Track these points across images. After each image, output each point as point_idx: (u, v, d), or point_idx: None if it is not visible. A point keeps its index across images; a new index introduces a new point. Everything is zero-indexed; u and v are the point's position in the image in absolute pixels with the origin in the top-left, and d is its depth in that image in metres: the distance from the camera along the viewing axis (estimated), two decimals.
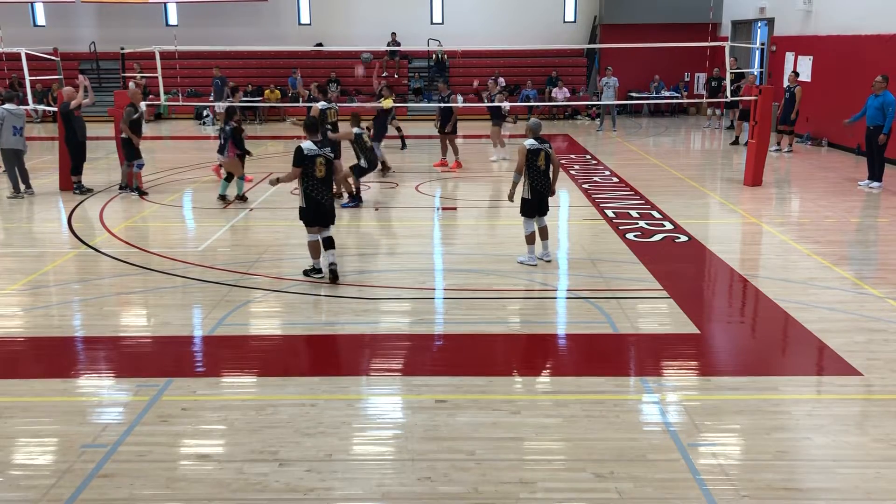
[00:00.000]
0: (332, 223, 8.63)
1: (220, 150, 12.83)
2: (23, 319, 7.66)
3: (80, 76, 14.03)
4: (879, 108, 13.37)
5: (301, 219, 8.50)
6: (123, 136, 13.25)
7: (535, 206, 9.06)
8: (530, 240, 9.18)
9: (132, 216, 12.12)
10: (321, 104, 13.75)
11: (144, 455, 5.07)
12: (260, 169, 15.93)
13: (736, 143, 19.00)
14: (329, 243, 8.59)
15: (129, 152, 13.30)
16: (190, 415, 5.62)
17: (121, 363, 6.66)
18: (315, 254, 8.59)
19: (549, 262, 9.24)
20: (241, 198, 12.92)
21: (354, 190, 12.55)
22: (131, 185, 13.49)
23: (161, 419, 5.54)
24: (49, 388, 6.10)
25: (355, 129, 12.26)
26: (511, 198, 9.15)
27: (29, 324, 7.56)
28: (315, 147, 8.23)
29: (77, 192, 13.57)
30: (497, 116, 16.93)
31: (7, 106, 13.14)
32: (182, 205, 13.02)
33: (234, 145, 12.73)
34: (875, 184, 13.62)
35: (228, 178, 12.80)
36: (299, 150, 8.21)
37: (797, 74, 17.91)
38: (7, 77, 24.30)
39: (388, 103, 15.20)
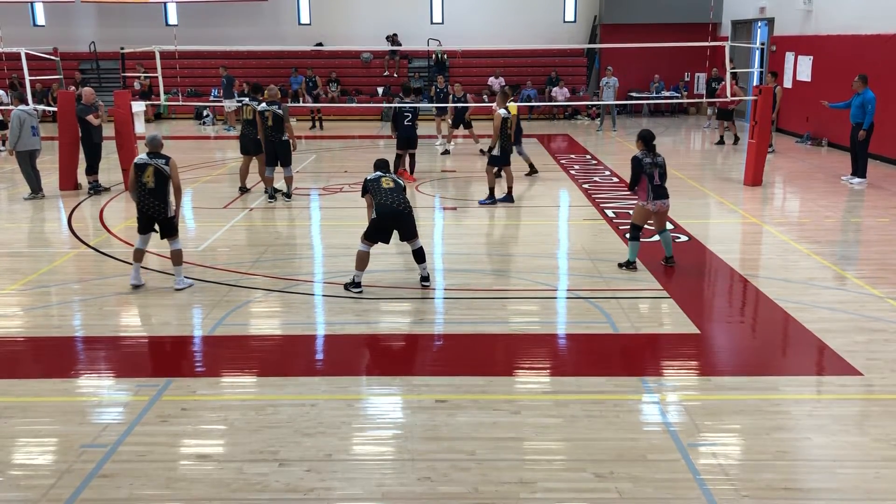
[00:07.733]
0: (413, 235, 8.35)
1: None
2: (23, 319, 7.66)
3: (98, 112, 13.79)
4: (860, 105, 13.78)
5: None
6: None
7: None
8: (177, 260, 8.43)
9: (132, 216, 12.09)
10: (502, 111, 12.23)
11: (144, 455, 5.07)
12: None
13: (736, 142, 19.09)
14: (418, 256, 8.37)
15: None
16: (190, 415, 5.62)
17: (121, 363, 6.66)
18: (359, 265, 8.20)
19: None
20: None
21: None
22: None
23: (161, 419, 5.54)
24: (49, 388, 6.09)
25: (501, 111, 12.14)
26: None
27: (29, 324, 7.56)
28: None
29: (92, 191, 13.57)
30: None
31: (22, 107, 13.16)
32: (182, 205, 12.97)
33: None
34: (857, 179, 13.99)
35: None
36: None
37: (775, 75, 18.04)
38: (7, 77, 24.30)
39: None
